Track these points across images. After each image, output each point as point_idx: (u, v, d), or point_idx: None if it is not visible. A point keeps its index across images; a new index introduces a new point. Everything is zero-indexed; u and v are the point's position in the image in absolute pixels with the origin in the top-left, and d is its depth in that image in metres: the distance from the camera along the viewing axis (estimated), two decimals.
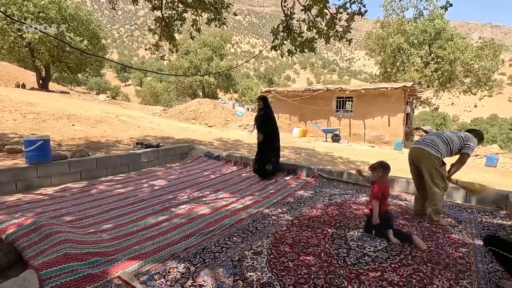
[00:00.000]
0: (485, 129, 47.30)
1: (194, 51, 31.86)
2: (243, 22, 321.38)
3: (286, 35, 4.44)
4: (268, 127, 5.17)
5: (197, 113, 15.94)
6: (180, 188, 4.35)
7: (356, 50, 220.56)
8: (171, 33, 5.63)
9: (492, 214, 3.49)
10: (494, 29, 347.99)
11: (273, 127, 5.24)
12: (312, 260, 2.38)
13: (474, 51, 16.36)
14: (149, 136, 8.83)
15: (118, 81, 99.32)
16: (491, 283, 2.09)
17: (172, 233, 2.84)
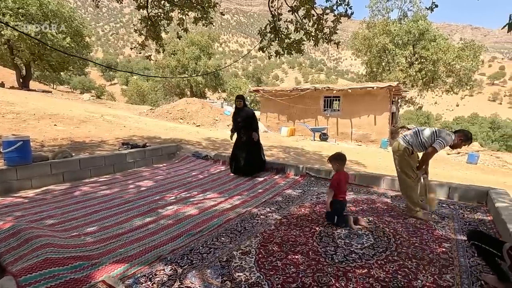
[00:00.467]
0: (466, 128, 48.88)
1: (182, 50, 31.48)
2: (231, 21, 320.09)
3: (274, 36, 4.43)
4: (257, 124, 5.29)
5: (185, 112, 15.76)
6: (167, 189, 4.28)
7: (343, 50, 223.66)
8: (157, 33, 5.53)
9: (473, 209, 3.60)
10: (474, 30, 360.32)
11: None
12: (300, 259, 2.39)
13: (456, 51, 16.90)
14: (136, 136, 8.67)
15: (103, 80, 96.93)
16: (472, 277, 2.15)
17: (159, 234, 2.79)
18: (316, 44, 4.00)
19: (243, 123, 5.19)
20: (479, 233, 2.29)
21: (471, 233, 2.29)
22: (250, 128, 5.18)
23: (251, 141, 5.17)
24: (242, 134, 5.24)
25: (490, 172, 9.46)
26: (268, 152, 8.86)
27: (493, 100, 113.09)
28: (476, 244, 2.12)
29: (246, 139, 5.20)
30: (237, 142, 5.31)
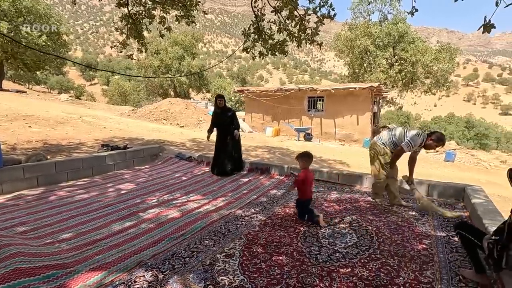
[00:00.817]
0: (443, 127, 50.82)
1: (165, 49, 30.92)
2: (215, 21, 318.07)
3: (257, 37, 4.41)
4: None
5: (168, 113, 15.46)
6: (149, 192, 4.16)
7: (326, 52, 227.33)
8: (139, 31, 5.37)
9: (451, 206, 3.72)
10: (450, 34, 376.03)
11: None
12: (284, 260, 2.37)
13: (433, 54, 17.55)
14: (116, 137, 8.41)
15: (83, 79, 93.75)
16: (451, 272, 2.21)
17: (139, 239, 2.70)
18: (299, 45, 4.00)
19: (230, 122, 5.22)
20: (465, 223, 2.37)
21: (458, 223, 2.36)
22: (232, 127, 5.24)
23: (235, 139, 5.26)
24: (226, 133, 5.23)
25: (466, 170, 9.86)
26: (253, 152, 8.84)
27: (467, 101, 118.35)
28: (461, 233, 2.18)
29: (230, 138, 5.22)
30: (222, 142, 5.25)
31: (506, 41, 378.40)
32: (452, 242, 2.70)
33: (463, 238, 2.18)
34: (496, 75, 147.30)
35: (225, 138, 5.24)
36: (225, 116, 5.22)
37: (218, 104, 5.22)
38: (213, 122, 5.31)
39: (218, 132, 5.29)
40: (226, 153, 5.23)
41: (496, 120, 72.65)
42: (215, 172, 5.23)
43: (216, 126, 5.28)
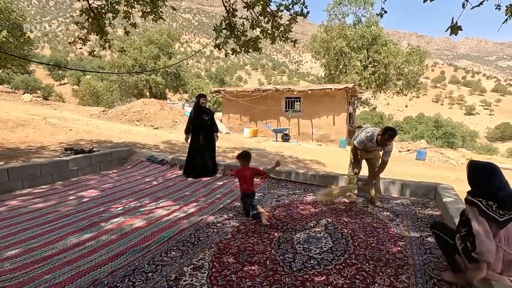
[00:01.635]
0: (414, 127, 53.25)
1: (139, 48, 29.85)
2: (192, 21, 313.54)
3: (230, 33, 4.25)
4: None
5: (142, 114, 14.86)
6: (114, 199, 3.86)
7: (304, 53, 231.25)
8: (101, 27, 5.01)
9: (424, 205, 3.76)
10: (419, 38, 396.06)
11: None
12: (256, 270, 2.22)
13: (404, 56, 18.27)
14: (83, 140, 7.90)
15: (51, 79, 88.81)
16: (426, 275, 2.16)
17: (97, 253, 2.44)
18: (273, 42, 3.90)
19: (210, 123, 5.10)
20: (440, 223, 2.35)
21: (434, 223, 2.35)
22: (212, 128, 5.15)
23: (213, 141, 5.16)
24: (205, 135, 5.05)
25: (436, 168, 10.26)
26: (230, 154, 8.65)
27: (436, 101, 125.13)
28: (436, 233, 2.16)
29: (208, 139, 5.10)
30: (198, 143, 5.05)
31: (469, 45, 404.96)
32: (425, 243, 2.68)
33: (438, 238, 2.15)
34: (461, 78, 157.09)
35: (204, 140, 5.06)
36: (207, 116, 5.06)
37: (201, 104, 5.02)
38: (192, 122, 5.08)
39: (195, 133, 5.08)
40: (204, 155, 5.07)
41: (461, 119, 77.45)
42: (191, 175, 5.01)
43: (195, 127, 5.06)
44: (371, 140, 3.53)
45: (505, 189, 1.74)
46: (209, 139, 5.13)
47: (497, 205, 1.66)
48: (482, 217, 1.69)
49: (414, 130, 49.92)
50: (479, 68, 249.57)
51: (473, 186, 1.87)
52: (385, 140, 3.35)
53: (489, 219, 1.67)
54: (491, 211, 1.66)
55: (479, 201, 1.73)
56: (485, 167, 1.84)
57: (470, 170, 1.92)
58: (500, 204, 1.66)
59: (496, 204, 1.66)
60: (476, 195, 1.78)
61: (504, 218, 1.62)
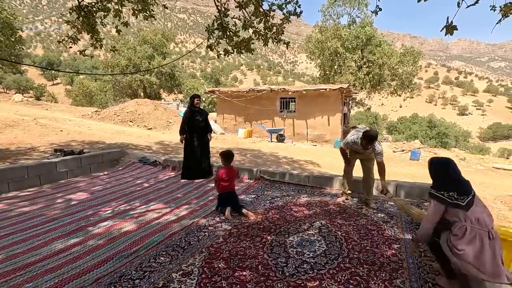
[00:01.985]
0: (408, 127, 53.69)
1: (133, 48, 29.58)
2: (188, 21, 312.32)
3: (222, 34, 4.17)
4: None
5: (135, 114, 14.67)
6: (104, 202, 3.77)
7: (299, 54, 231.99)
8: (92, 25, 4.90)
9: (418, 206, 3.72)
10: (413, 39, 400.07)
11: None
12: (248, 276, 2.15)
13: (398, 57, 18.37)
14: (75, 141, 7.75)
15: (44, 79, 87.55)
16: (420, 280, 2.12)
17: (83, 259, 2.35)
18: (265, 43, 3.83)
19: (204, 124, 5.05)
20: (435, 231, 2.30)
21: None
22: (206, 129, 5.10)
23: (207, 142, 5.12)
24: (199, 136, 4.99)
25: None
26: None
27: (429, 102, 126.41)
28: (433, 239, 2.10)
29: (202, 140, 5.04)
30: (192, 144, 4.97)
31: (462, 47, 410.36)
32: (420, 246, 2.64)
33: (432, 244, 2.11)
34: (454, 78, 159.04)
35: (198, 141, 4.99)
36: (201, 117, 4.99)
37: (195, 104, 4.94)
38: (186, 123, 5.00)
39: (189, 134, 5.00)
40: (199, 156, 4.99)
41: (454, 119, 78.29)
42: (188, 177, 4.92)
43: (189, 128, 4.98)
44: (355, 143, 3.59)
45: (459, 179, 1.96)
46: (203, 140, 5.07)
47: (456, 193, 1.89)
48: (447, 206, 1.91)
49: (408, 130, 50.34)
50: (471, 69, 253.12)
51: (435, 180, 2.06)
52: (366, 144, 3.41)
53: (455, 207, 1.89)
54: (454, 200, 1.89)
55: (441, 194, 1.94)
56: (442, 162, 2.06)
57: (430, 167, 2.11)
58: (459, 192, 1.89)
59: (456, 192, 1.90)
60: (438, 188, 1.97)
61: (465, 201, 1.87)
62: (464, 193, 1.90)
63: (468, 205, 1.87)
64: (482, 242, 1.81)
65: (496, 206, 5.95)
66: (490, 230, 1.83)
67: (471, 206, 1.87)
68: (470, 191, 1.91)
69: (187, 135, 5.01)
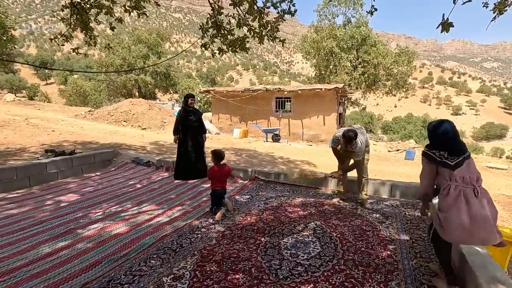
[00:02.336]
0: (403, 127, 54.19)
1: (127, 47, 29.31)
2: (183, 21, 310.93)
3: (216, 32, 4.11)
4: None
5: (129, 114, 14.51)
6: (94, 203, 3.68)
7: (295, 54, 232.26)
8: (85, 23, 4.81)
9: (413, 207, 3.71)
10: (407, 39, 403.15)
11: None
12: (241, 279, 2.10)
13: (393, 57, 18.46)
14: (67, 141, 7.62)
15: (37, 78, 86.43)
16: (416, 281, 2.09)
17: (71, 263, 2.28)
18: (261, 41, 3.78)
19: (198, 124, 4.98)
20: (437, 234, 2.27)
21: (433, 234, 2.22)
22: (201, 129, 5.03)
23: (201, 143, 5.04)
24: (193, 136, 4.92)
25: None
26: None
27: (424, 102, 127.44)
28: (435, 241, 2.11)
29: (196, 140, 4.97)
30: (186, 145, 4.90)
31: (455, 47, 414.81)
32: (415, 247, 2.61)
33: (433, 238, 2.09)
34: (448, 79, 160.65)
35: (192, 141, 4.91)
36: (195, 117, 4.91)
37: (189, 104, 4.87)
38: (180, 123, 4.92)
39: (183, 134, 4.93)
40: (192, 156, 4.92)
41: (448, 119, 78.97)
42: (180, 178, 4.86)
43: (183, 128, 4.91)
44: (339, 140, 3.54)
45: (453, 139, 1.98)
46: (197, 140, 5.00)
47: (447, 153, 1.94)
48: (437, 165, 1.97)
49: (403, 130, 50.79)
50: (465, 69, 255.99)
51: (429, 140, 2.10)
52: (345, 143, 3.37)
53: (444, 166, 1.94)
54: (443, 159, 1.94)
55: (433, 153, 2.00)
56: (437, 124, 2.07)
57: (427, 129, 2.14)
58: (450, 152, 1.94)
59: (447, 152, 1.94)
60: (430, 147, 2.03)
61: (454, 161, 1.91)
62: (455, 154, 1.92)
63: (456, 165, 1.89)
64: (467, 199, 1.82)
65: None
66: (475, 187, 1.85)
67: (460, 166, 1.89)
68: (464, 153, 1.93)
69: (181, 135, 4.94)
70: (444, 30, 2.29)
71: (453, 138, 1.97)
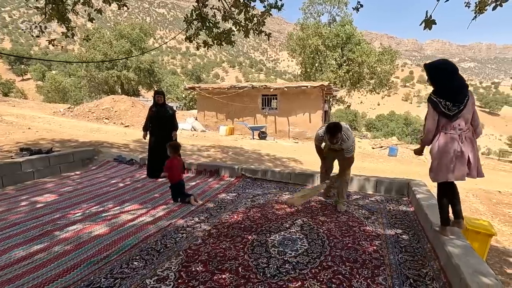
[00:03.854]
0: (386, 124, 55.54)
1: (109, 42, 28.37)
2: (167, 16, 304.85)
3: (201, 25, 4.01)
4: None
5: (112, 111, 14.06)
6: (73, 203, 3.52)
7: (281, 52, 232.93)
8: (62, 13, 4.57)
9: (398, 202, 3.77)
10: (389, 39, 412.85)
11: None
12: (228, 279, 2.05)
13: (377, 55, 18.83)
14: (44, 139, 7.28)
15: (12, 74, 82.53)
16: (402, 276, 2.10)
17: (47, 267, 2.15)
18: (246, 35, 3.72)
19: (168, 120, 4.81)
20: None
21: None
22: (171, 126, 4.84)
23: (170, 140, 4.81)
24: (163, 133, 4.78)
25: (407, 163, 10.62)
26: (205, 153, 8.40)
27: (405, 100, 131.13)
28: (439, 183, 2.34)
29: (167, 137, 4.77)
30: (155, 142, 4.76)
31: (435, 47, 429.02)
32: (400, 241, 2.65)
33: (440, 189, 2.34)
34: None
35: (161, 138, 4.76)
36: (165, 113, 4.76)
37: (157, 101, 4.72)
38: (150, 120, 4.79)
39: (152, 131, 4.80)
40: (160, 154, 4.77)
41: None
42: (151, 174, 4.74)
43: (152, 125, 4.78)
44: (322, 137, 3.31)
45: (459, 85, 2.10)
46: (166, 137, 4.76)
47: (451, 103, 2.07)
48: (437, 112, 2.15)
49: (386, 127, 52.05)
50: None
51: (434, 85, 2.19)
52: (329, 138, 3.10)
53: (444, 116, 2.13)
54: (446, 110, 2.10)
55: (439, 101, 2.12)
56: (434, 64, 2.18)
57: (426, 71, 2.22)
58: (454, 101, 2.07)
59: (451, 103, 2.07)
60: (437, 94, 2.15)
61: (454, 112, 2.09)
62: (458, 102, 2.07)
63: (453, 116, 2.09)
64: (453, 143, 2.10)
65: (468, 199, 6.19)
66: (462, 133, 2.09)
67: (456, 117, 2.09)
68: (464, 99, 2.08)
69: (151, 133, 4.81)
70: (427, 27, 2.32)
71: (453, 72, 2.08)
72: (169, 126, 4.79)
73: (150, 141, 4.83)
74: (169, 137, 4.78)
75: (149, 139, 4.83)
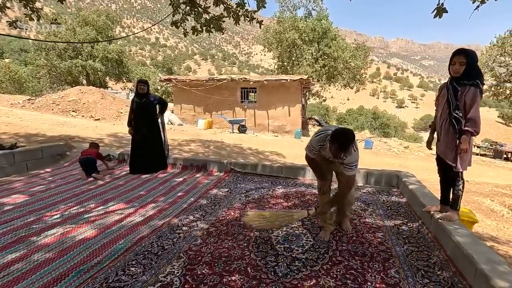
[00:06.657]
0: (355, 118, 57.69)
1: (72, 29, 26.29)
2: (134, 4, 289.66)
3: (189, 9, 3.73)
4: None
5: (79, 103, 13.06)
6: (48, 204, 3.16)
7: (253, 45, 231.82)
8: None
9: (388, 193, 3.84)
10: (358, 36, 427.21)
11: None
12: (238, 280, 1.91)
13: (351, 51, 19.31)
14: (5, 134, 6.56)
15: None
16: (412, 267, 2.10)
17: (27, 280, 1.87)
18: (236, 22, 3.53)
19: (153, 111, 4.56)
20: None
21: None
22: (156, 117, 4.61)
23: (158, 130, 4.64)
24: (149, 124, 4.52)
25: (382, 156, 11.05)
26: (186, 147, 8.08)
27: (373, 95, 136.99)
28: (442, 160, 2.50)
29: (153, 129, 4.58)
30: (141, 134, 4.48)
31: (399, 45, 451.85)
32: (402, 232, 2.67)
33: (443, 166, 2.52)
34: (393, 74, 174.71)
35: (147, 130, 4.49)
36: (149, 103, 4.47)
37: (140, 91, 4.40)
38: (133, 112, 4.47)
39: (137, 124, 4.51)
40: (151, 147, 4.52)
41: (394, 112, 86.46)
42: (134, 170, 4.45)
43: (136, 117, 4.46)
44: (322, 146, 2.34)
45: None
46: (153, 129, 4.58)
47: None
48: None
49: (356, 121, 54.07)
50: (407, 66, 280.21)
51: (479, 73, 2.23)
52: (336, 151, 2.13)
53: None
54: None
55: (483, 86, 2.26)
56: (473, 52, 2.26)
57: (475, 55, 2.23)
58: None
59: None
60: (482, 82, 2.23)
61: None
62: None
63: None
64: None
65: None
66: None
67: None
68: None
69: (135, 125, 4.51)
70: (438, 15, 2.31)
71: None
72: (155, 118, 4.50)
73: (133, 135, 4.50)
74: (156, 130, 4.53)
75: (134, 133, 4.50)
